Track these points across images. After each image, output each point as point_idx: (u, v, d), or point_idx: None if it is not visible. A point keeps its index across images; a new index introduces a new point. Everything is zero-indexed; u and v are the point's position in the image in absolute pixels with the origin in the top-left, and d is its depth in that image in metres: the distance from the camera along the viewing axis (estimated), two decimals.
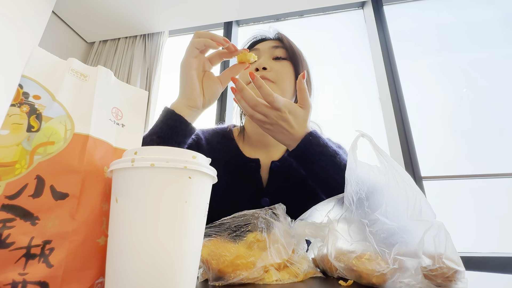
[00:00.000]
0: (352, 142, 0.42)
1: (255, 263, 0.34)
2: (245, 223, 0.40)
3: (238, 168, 0.69)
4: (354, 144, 0.42)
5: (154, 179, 0.25)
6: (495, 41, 1.90)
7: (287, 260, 0.37)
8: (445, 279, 0.31)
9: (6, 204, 0.25)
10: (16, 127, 0.27)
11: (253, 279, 0.34)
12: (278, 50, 0.73)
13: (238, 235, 0.39)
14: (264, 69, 0.69)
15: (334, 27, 2.29)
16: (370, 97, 2.00)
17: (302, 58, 0.75)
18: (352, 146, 0.42)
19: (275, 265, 0.36)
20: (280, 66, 0.71)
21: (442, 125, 1.84)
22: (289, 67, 0.72)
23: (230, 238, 0.38)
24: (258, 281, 0.34)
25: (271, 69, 0.70)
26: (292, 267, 0.37)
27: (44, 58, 0.31)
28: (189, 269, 0.26)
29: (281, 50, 0.73)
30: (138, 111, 0.38)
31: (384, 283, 0.31)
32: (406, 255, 0.32)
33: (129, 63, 2.37)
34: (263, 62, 0.70)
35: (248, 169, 0.69)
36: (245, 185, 0.68)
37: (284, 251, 0.37)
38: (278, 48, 0.73)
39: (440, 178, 1.64)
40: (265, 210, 0.42)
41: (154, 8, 2.19)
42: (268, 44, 0.74)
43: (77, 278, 0.26)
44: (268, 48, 0.73)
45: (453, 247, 0.32)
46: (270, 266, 0.35)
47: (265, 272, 0.35)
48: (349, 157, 0.41)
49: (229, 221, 0.40)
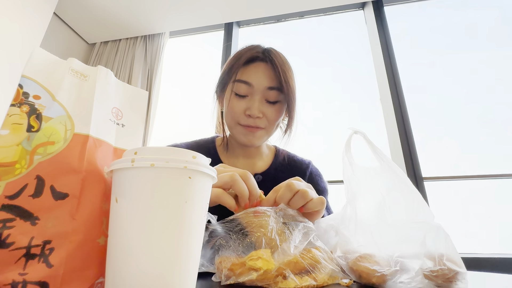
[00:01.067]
0: (345, 142, 0.41)
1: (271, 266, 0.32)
2: (257, 219, 0.39)
3: None
4: (348, 144, 0.41)
5: (154, 179, 0.25)
6: (496, 41, 1.90)
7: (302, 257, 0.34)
8: (446, 280, 0.31)
9: (6, 204, 0.25)
10: (16, 127, 0.27)
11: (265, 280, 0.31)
12: (273, 93, 0.66)
13: (249, 231, 0.38)
14: (257, 117, 0.65)
15: (334, 28, 2.29)
16: (371, 98, 2.00)
17: (295, 91, 0.69)
18: (346, 147, 0.41)
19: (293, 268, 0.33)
20: (273, 112, 0.67)
21: (443, 125, 1.84)
22: (282, 109, 0.69)
23: (241, 234, 0.38)
24: (272, 284, 0.32)
25: (264, 116, 0.66)
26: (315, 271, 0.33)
27: (44, 58, 0.31)
28: (189, 269, 0.26)
29: (276, 93, 0.66)
30: (138, 111, 0.38)
31: (384, 283, 0.31)
32: (408, 256, 0.32)
33: (130, 64, 2.38)
34: (255, 109, 0.65)
35: None
36: None
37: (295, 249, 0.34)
38: (273, 90, 0.66)
39: (441, 178, 1.64)
40: (276, 208, 0.42)
41: (155, 10, 2.19)
42: (262, 80, 0.66)
43: (77, 278, 0.26)
44: (263, 89, 0.66)
45: (454, 248, 0.32)
46: (289, 271, 0.32)
47: (282, 277, 0.32)
48: (344, 160, 0.40)
49: (240, 217, 0.40)
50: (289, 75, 0.68)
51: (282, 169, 0.77)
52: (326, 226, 0.43)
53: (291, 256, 0.33)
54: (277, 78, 0.66)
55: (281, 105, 0.69)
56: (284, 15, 2.27)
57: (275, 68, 0.67)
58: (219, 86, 0.75)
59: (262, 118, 0.66)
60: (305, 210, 0.44)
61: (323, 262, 0.34)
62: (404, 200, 0.36)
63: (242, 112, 0.66)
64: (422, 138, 1.73)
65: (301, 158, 0.84)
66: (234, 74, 0.68)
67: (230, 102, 0.68)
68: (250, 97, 0.67)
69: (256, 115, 0.65)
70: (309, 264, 0.33)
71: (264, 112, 0.66)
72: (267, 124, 0.67)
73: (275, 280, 0.32)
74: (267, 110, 0.67)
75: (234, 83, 0.67)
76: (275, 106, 0.68)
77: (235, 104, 0.67)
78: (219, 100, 0.78)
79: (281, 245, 0.35)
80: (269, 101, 0.67)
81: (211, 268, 0.38)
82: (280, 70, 0.66)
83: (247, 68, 0.68)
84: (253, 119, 0.66)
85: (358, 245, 0.35)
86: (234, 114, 0.67)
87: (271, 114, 0.67)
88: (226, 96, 0.70)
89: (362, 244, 0.35)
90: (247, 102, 0.66)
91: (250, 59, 0.69)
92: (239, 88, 0.67)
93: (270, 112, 0.67)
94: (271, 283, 0.31)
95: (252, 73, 0.67)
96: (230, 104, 0.68)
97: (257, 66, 0.68)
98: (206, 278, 0.36)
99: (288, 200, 0.44)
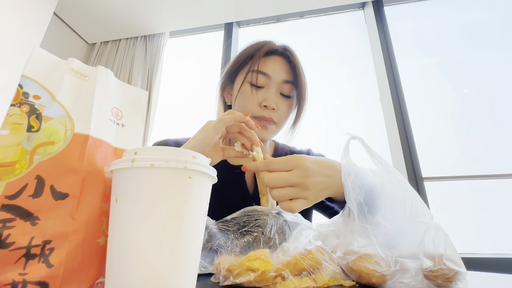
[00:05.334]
0: (344, 146, 0.41)
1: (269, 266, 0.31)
2: (255, 218, 0.39)
3: (221, 175, 0.65)
4: (346, 148, 0.41)
5: (154, 179, 0.25)
6: (496, 42, 1.90)
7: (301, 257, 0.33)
8: (446, 279, 0.31)
9: (6, 204, 0.25)
10: (16, 127, 0.27)
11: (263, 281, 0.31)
12: (288, 87, 0.68)
13: (247, 230, 0.38)
14: (273, 109, 0.66)
15: (334, 28, 2.29)
16: (371, 98, 1.99)
17: (307, 88, 0.71)
18: (345, 151, 0.41)
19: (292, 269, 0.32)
20: (286, 106, 0.69)
21: (443, 125, 1.84)
22: (293, 104, 0.71)
23: (239, 234, 0.38)
24: (271, 285, 0.31)
25: (277, 109, 0.67)
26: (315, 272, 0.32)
27: (44, 58, 0.31)
28: (189, 269, 0.26)
29: (291, 87, 0.68)
30: (138, 111, 0.38)
31: (384, 284, 0.31)
32: (407, 256, 0.32)
33: (130, 64, 2.38)
34: (272, 101, 0.65)
35: (232, 176, 0.68)
36: (231, 192, 0.66)
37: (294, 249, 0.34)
38: (289, 84, 0.68)
39: (441, 179, 1.64)
40: (275, 208, 0.42)
41: (155, 9, 2.19)
42: (280, 73, 0.67)
43: (77, 278, 0.26)
44: (280, 82, 0.67)
45: (453, 247, 0.32)
46: (288, 273, 0.31)
47: (281, 278, 0.32)
48: (343, 162, 0.41)
49: (239, 216, 0.40)
50: (303, 72, 0.70)
51: None
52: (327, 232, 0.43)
53: (290, 257, 0.33)
54: (293, 73, 0.68)
55: (292, 101, 0.70)
56: (284, 15, 2.27)
57: (291, 63, 0.69)
58: (229, 77, 0.74)
59: (276, 112, 0.67)
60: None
61: (324, 263, 0.33)
62: (402, 201, 0.36)
63: (258, 104, 0.66)
64: (422, 138, 1.72)
65: (300, 149, 0.84)
66: (254, 64, 0.67)
67: (245, 92, 0.67)
68: (266, 88, 0.67)
69: (272, 106, 0.65)
70: (309, 265, 0.33)
71: (278, 105, 0.67)
72: (279, 119, 0.68)
73: (273, 281, 0.31)
74: (281, 104, 0.68)
75: (253, 74, 0.67)
76: (288, 101, 0.69)
77: (251, 94, 0.66)
78: (225, 93, 0.77)
79: (280, 245, 0.35)
80: (283, 95, 0.68)
81: (211, 268, 0.38)
82: (297, 65, 0.68)
83: (266, 60, 0.69)
84: (268, 110, 0.66)
85: (358, 246, 0.35)
86: (248, 106, 0.66)
87: (284, 108, 0.68)
88: (238, 87, 0.69)
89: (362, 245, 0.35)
90: (263, 93, 0.66)
91: (269, 52, 0.70)
92: (258, 79, 0.66)
93: (283, 106, 0.68)
94: (269, 284, 0.31)
95: (270, 65, 0.68)
96: (246, 95, 0.67)
97: (275, 60, 0.69)
98: (206, 279, 0.36)
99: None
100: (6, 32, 1.68)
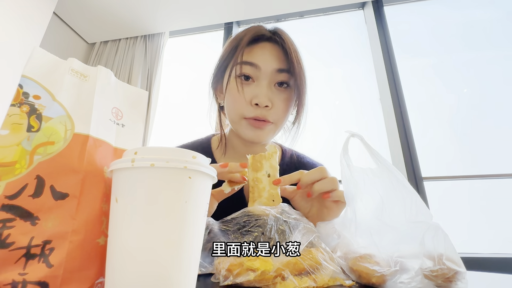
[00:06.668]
0: (343, 145, 0.41)
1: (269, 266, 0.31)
2: (255, 218, 0.39)
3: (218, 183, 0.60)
4: (345, 146, 0.41)
5: (154, 179, 0.25)
6: (496, 42, 1.90)
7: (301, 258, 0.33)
8: (446, 279, 0.31)
9: (6, 204, 0.25)
10: (16, 127, 0.27)
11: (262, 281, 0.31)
12: (282, 76, 0.59)
13: (247, 230, 0.38)
14: (266, 107, 0.57)
15: (334, 27, 2.29)
16: (371, 98, 1.99)
17: (305, 74, 0.62)
18: (344, 150, 0.41)
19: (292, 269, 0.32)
20: (283, 100, 0.59)
21: (443, 125, 1.84)
22: (291, 97, 0.61)
23: (239, 234, 0.38)
24: (271, 285, 0.31)
25: (272, 106, 0.58)
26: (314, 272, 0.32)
27: (44, 58, 0.31)
28: (189, 268, 0.26)
29: (286, 75, 0.59)
30: (138, 111, 0.38)
31: (384, 283, 0.31)
32: (407, 256, 0.32)
33: (129, 64, 2.37)
34: (263, 97, 0.57)
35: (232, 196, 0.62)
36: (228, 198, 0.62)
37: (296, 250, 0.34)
38: (283, 72, 0.59)
39: (441, 178, 1.64)
40: (276, 208, 0.42)
41: (154, 9, 2.19)
42: (270, 62, 0.59)
43: (77, 278, 0.26)
44: (272, 72, 0.58)
45: (453, 247, 0.32)
46: (288, 273, 0.31)
47: (281, 278, 0.31)
48: (342, 163, 0.40)
49: (239, 216, 0.40)
50: (299, 55, 0.61)
51: (291, 169, 0.66)
52: (328, 231, 0.43)
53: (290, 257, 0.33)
54: (286, 59, 0.59)
55: (290, 92, 0.61)
56: (284, 15, 2.27)
57: (283, 47, 0.59)
58: (216, 75, 0.66)
59: (270, 109, 0.58)
60: (331, 198, 0.44)
61: (324, 263, 0.33)
62: (402, 201, 0.36)
63: (248, 102, 0.58)
64: (421, 137, 1.72)
65: (312, 161, 0.74)
66: (237, 57, 0.59)
67: (232, 90, 0.59)
68: (257, 82, 0.59)
69: (265, 103, 0.56)
70: (309, 265, 0.33)
71: (272, 101, 0.58)
72: (276, 117, 0.59)
73: (273, 281, 0.31)
74: (276, 98, 0.58)
75: (237, 67, 0.58)
76: (285, 94, 0.60)
77: (239, 92, 0.58)
78: (216, 93, 0.70)
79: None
80: (278, 86, 0.59)
81: (211, 268, 0.38)
82: (291, 50, 0.59)
83: (252, 49, 0.60)
84: (261, 109, 0.57)
85: (358, 246, 0.35)
86: (238, 106, 0.59)
87: (280, 104, 0.59)
88: (225, 85, 0.61)
89: (362, 245, 0.35)
90: (253, 89, 0.58)
91: (254, 39, 0.61)
92: (244, 72, 0.58)
93: (279, 101, 0.59)
94: (269, 284, 0.31)
95: (258, 54, 0.59)
96: (233, 93, 0.59)
97: (263, 47, 0.60)
98: (206, 279, 0.36)
99: (315, 180, 0.43)
100: (6, 32, 1.68)
